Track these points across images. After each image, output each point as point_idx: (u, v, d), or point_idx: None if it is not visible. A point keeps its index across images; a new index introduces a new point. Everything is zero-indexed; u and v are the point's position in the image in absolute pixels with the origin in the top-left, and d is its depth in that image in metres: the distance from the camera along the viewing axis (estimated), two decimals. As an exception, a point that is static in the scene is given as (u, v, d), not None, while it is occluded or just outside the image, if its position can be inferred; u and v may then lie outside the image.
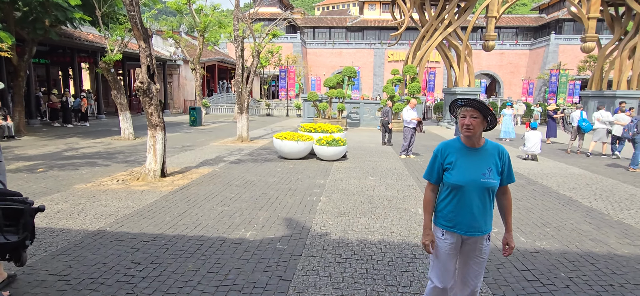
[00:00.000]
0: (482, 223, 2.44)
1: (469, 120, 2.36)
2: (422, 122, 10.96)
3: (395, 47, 49.93)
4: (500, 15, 21.58)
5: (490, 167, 2.40)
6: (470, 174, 2.38)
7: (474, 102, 2.39)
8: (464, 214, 2.42)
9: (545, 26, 52.63)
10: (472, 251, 2.51)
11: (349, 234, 4.86)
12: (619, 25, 22.12)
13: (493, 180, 2.39)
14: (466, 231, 2.45)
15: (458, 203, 2.43)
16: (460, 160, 2.42)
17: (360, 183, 7.69)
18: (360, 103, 21.53)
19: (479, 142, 2.45)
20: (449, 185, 2.45)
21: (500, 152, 2.47)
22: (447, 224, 2.49)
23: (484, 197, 2.40)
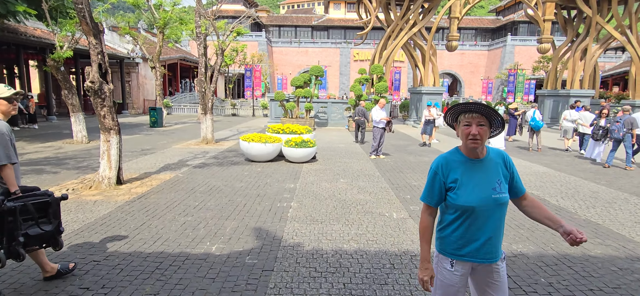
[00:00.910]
0: (498, 245, 2.10)
1: (476, 129, 1.99)
2: (391, 122, 10.88)
3: (360, 47, 50.33)
4: (462, 16, 22.10)
5: (500, 178, 2.07)
6: (481, 191, 2.02)
7: (481, 106, 2.01)
8: (478, 239, 2.05)
9: (502, 28, 54.94)
10: (487, 277, 2.13)
11: (323, 244, 4.59)
12: (572, 28, 23.28)
13: (505, 194, 2.07)
14: (482, 259, 2.07)
15: (470, 227, 2.05)
16: (466, 176, 2.05)
17: (332, 186, 7.44)
18: (328, 102, 21.35)
19: (483, 151, 2.09)
20: (456, 208, 2.06)
21: (504, 158, 2.16)
22: (457, 253, 2.09)
23: (499, 215, 2.06)
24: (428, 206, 2.16)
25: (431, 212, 2.17)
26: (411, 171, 9.09)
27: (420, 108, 21.97)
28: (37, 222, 3.15)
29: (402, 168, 9.47)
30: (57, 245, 3.32)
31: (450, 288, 2.13)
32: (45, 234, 3.19)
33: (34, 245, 3.18)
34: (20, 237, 2.99)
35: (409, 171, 9.09)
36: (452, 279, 2.12)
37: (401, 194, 6.96)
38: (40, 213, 3.18)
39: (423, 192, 2.20)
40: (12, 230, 2.97)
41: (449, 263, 2.12)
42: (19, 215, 3.01)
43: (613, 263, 4.18)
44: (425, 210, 2.18)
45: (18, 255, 3.01)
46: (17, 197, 3.10)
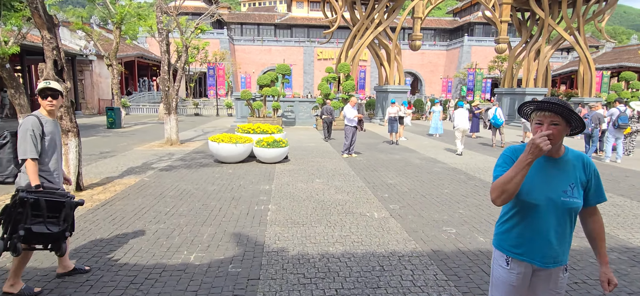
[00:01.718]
0: (560, 252, 1.95)
1: (549, 129, 1.83)
2: (363, 120, 10.88)
3: (324, 45, 50.45)
4: (424, 16, 22.62)
5: (573, 182, 1.92)
6: (549, 191, 1.89)
7: (556, 104, 1.82)
8: (538, 240, 1.93)
9: (459, 29, 57.01)
10: (544, 284, 2.00)
11: (308, 247, 4.42)
12: (526, 29, 24.49)
13: (577, 199, 1.91)
14: (539, 261, 1.95)
15: (529, 225, 1.94)
16: (534, 172, 1.90)
17: (308, 186, 7.28)
18: (295, 101, 21.14)
19: (559, 151, 1.94)
20: (519, 202, 1.94)
21: (586, 163, 1.98)
22: (514, 250, 1.99)
23: (565, 220, 1.92)
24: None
25: None
26: (385, 169, 9.11)
27: (386, 107, 22.27)
28: (45, 221, 3.04)
29: (375, 166, 9.47)
30: (59, 250, 3.18)
31: (507, 287, 2.02)
32: (51, 235, 3.08)
33: (37, 244, 3.10)
34: (21, 231, 2.91)
35: (383, 169, 9.10)
36: (509, 278, 2.01)
37: (379, 193, 6.92)
38: (51, 213, 3.09)
39: (495, 171, 2.00)
40: (18, 221, 2.94)
41: (505, 261, 2.03)
42: (29, 208, 2.96)
43: (591, 256, 4.32)
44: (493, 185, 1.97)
45: (15, 249, 2.90)
46: (33, 191, 3.06)
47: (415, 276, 3.77)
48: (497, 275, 2.07)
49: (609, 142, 10.82)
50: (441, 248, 4.45)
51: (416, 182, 7.80)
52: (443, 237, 4.81)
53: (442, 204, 6.26)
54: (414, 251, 4.35)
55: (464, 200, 6.53)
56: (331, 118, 14.85)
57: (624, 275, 3.88)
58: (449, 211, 5.89)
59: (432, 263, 4.05)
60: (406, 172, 8.79)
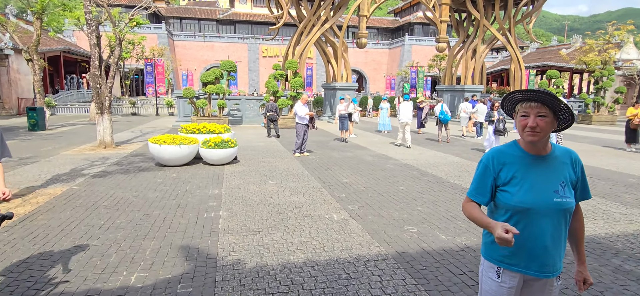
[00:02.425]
0: (556, 258, 1.78)
1: (534, 121, 1.70)
2: (314, 118, 10.62)
3: (270, 42, 49.66)
4: (370, 14, 22.94)
5: (564, 180, 1.77)
6: (540, 192, 1.72)
7: (542, 94, 1.68)
8: (533, 247, 1.74)
9: (400, 28, 58.99)
10: (541, 294, 1.83)
11: (267, 258, 4.05)
12: (463, 29, 25.79)
13: (569, 199, 1.75)
14: (536, 271, 1.77)
15: (523, 232, 1.73)
16: (523, 174, 1.76)
17: (261, 189, 6.87)
18: (242, 99, 20.42)
19: (546, 147, 1.79)
20: (508, 208, 1.77)
21: (573, 159, 1.84)
22: (507, 261, 1.80)
23: (560, 222, 1.75)
24: (472, 202, 1.86)
25: (475, 206, 1.85)
26: (339, 168, 8.93)
27: (334, 104, 22.27)
28: None
29: (329, 165, 9.26)
30: None
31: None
32: None
33: None
34: None
35: (336, 168, 8.91)
36: (499, 291, 1.82)
37: (335, 193, 6.70)
38: None
39: (471, 187, 1.88)
40: None
41: (495, 273, 1.84)
42: None
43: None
44: (466, 203, 1.88)
45: None
46: None
47: (384, 282, 3.56)
48: (487, 289, 1.88)
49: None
50: (405, 250, 4.30)
51: (371, 180, 7.70)
52: (406, 237, 4.67)
53: (400, 202, 6.18)
54: (379, 255, 4.16)
55: (420, 196, 6.51)
56: (275, 115, 14.94)
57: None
58: (407, 209, 5.81)
59: (399, 267, 3.87)
60: (360, 170, 8.68)
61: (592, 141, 14.96)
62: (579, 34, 42.13)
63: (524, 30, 26.09)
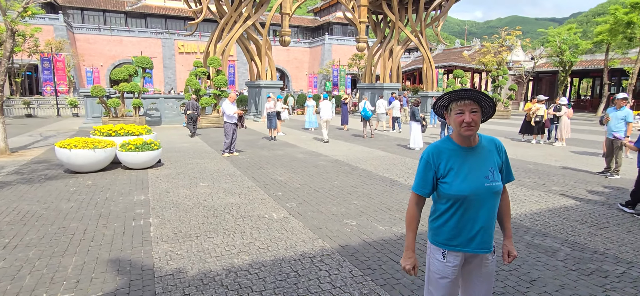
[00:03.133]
0: (491, 236, 2.02)
1: (469, 117, 1.90)
2: (243, 117, 10.37)
3: (187, 39, 47.24)
4: (292, 12, 23.01)
5: (492, 166, 1.99)
6: (474, 180, 1.93)
7: (473, 93, 1.91)
8: (471, 229, 1.96)
9: (320, 28, 60.17)
10: (477, 269, 2.06)
11: (209, 263, 3.87)
12: (380, 30, 27.16)
13: (498, 182, 1.97)
14: (474, 248, 1.99)
15: (462, 217, 1.96)
16: (458, 165, 1.95)
17: (193, 192, 6.53)
18: (160, 98, 19.12)
19: (475, 139, 2.01)
20: (448, 197, 1.97)
21: (498, 146, 2.07)
22: (449, 243, 2.00)
23: (491, 204, 1.98)
24: (418, 196, 2.05)
25: (419, 202, 2.06)
26: (272, 166, 8.84)
27: (259, 103, 21.96)
28: None
29: (261, 164, 9.12)
30: None
31: (443, 281, 2.03)
32: None
33: None
34: None
35: (269, 166, 8.82)
36: (445, 271, 2.02)
37: (272, 192, 6.63)
38: None
39: (414, 182, 2.07)
40: None
41: (441, 254, 2.03)
42: None
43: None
44: (413, 200, 2.07)
45: None
46: None
47: (333, 276, 3.62)
48: (434, 269, 2.07)
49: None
50: (348, 243, 4.42)
51: (306, 177, 7.76)
52: (346, 230, 4.80)
53: (336, 197, 6.33)
54: (324, 250, 4.22)
55: (355, 190, 6.73)
56: (196, 114, 14.82)
57: (498, 243, 4.43)
58: (344, 203, 5.97)
59: (344, 260, 3.97)
60: (293, 167, 8.69)
61: (493, 133, 16.80)
62: (477, 37, 46.97)
63: (432, 32, 28.32)
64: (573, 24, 30.39)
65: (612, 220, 5.25)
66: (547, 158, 10.22)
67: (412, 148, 11.53)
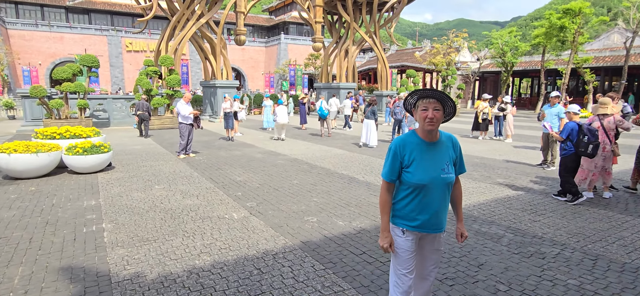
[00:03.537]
0: (443, 219, 2.35)
1: (432, 113, 2.19)
2: (199, 117, 10.14)
3: (136, 36, 45.16)
4: (247, 11, 22.74)
5: (448, 160, 2.29)
6: (431, 171, 2.23)
7: (436, 93, 2.21)
8: (427, 213, 2.27)
9: (276, 27, 59.85)
10: (430, 245, 2.43)
11: (170, 266, 3.81)
12: (336, 31, 27.53)
13: (452, 175, 2.29)
14: (429, 229, 2.32)
15: (420, 202, 2.27)
16: (420, 157, 2.24)
17: (148, 195, 6.33)
18: (108, 98, 18.17)
19: (436, 135, 2.29)
20: (410, 185, 2.26)
21: (454, 143, 2.38)
22: (408, 224, 2.32)
23: (445, 192, 2.29)
24: (388, 183, 2.33)
25: (389, 188, 2.35)
26: (230, 167, 8.75)
27: (215, 103, 21.51)
28: None
29: (219, 165, 8.99)
30: None
31: (404, 253, 2.35)
32: None
33: None
34: None
35: (227, 167, 8.71)
36: (405, 245, 2.34)
37: (231, 192, 6.58)
38: None
39: (383, 170, 2.35)
40: None
41: (400, 232, 2.35)
42: None
43: (425, 221, 5.12)
44: (384, 187, 2.35)
45: None
46: None
47: (295, 271, 3.70)
48: (397, 245, 2.38)
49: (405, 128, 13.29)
50: (309, 239, 4.52)
51: (265, 176, 7.76)
52: (307, 227, 4.90)
53: (296, 195, 6.40)
54: (286, 247, 4.28)
55: (314, 188, 6.84)
56: (147, 115, 14.56)
57: (449, 232, 4.73)
58: (304, 201, 6.06)
59: (306, 255, 4.06)
60: (252, 167, 8.65)
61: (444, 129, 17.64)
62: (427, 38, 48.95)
63: (386, 33, 29.16)
64: (513, 28, 32.53)
65: (548, 207, 5.76)
66: (492, 152, 10.93)
67: (369, 145, 11.85)
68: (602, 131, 6.24)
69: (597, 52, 30.26)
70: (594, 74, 26.85)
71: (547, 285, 3.43)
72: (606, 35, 32.89)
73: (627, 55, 22.89)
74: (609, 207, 5.80)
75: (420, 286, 2.52)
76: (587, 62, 26.80)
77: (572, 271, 3.69)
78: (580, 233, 4.70)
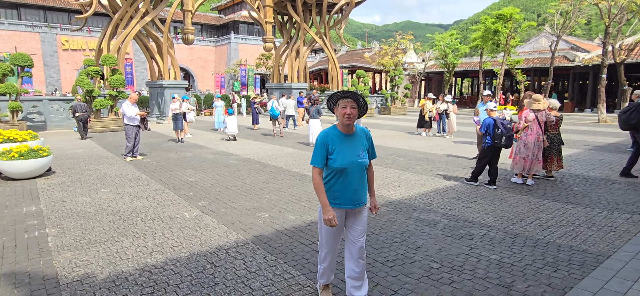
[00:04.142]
0: (362, 195, 2.85)
1: (350, 110, 2.72)
2: (146, 119, 9.90)
3: (73, 34, 42.41)
4: (195, 9, 22.27)
5: (362, 147, 2.83)
6: (350, 157, 2.75)
7: (353, 94, 2.73)
8: (348, 191, 2.78)
9: (225, 26, 58.77)
10: (355, 217, 2.92)
11: (121, 265, 3.83)
12: (286, 31, 27.69)
13: (366, 159, 2.84)
14: (351, 205, 2.82)
15: (341, 183, 2.78)
16: (340, 146, 2.76)
17: (93, 199, 6.17)
18: (44, 100, 17.02)
19: (352, 129, 2.83)
20: (333, 169, 2.77)
21: (366, 134, 2.94)
22: (334, 201, 2.81)
23: (361, 173, 2.83)
24: (318, 169, 2.79)
25: (320, 172, 2.80)
26: (180, 168, 8.66)
27: (163, 104, 20.85)
28: None
29: (168, 166, 8.86)
30: None
31: (329, 228, 2.86)
32: None
33: None
34: None
35: (178, 168, 8.62)
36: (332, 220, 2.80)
37: (182, 193, 6.58)
38: None
39: (313, 159, 2.80)
40: None
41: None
42: None
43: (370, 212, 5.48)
44: (316, 172, 2.79)
45: None
46: None
47: (248, 263, 3.88)
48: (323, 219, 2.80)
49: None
50: (261, 233, 4.70)
51: (217, 176, 7.80)
52: (260, 222, 5.07)
53: (248, 193, 6.54)
54: (238, 241, 4.44)
55: (266, 186, 7.02)
56: (85, 116, 14.17)
57: (392, 221, 5.13)
58: (256, 198, 6.22)
59: (258, 248, 4.24)
60: (204, 168, 8.63)
61: (392, 128, 18.45)
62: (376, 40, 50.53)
63: (336, 34, 29.80)
64: (454, 31, 34.54)
65: (480, 195, 6.38)
66: (435, 148, 11.69)
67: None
68: (536, 123, 7.00)
69: (527, 54, 32.95)
70: (525, 75, 29.21)
71: (473, 261, 3.89)
72: (535, 39, 35.94)
73: (552, 58, 25.19)
74: (530, 192, 6.53)
75: (352, 249, 2.96)
76: (518, 63, 29.10)
77: (495, 249, 4.19)
78: (505, 216, 5.30)
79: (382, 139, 13.62)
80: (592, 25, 73.02)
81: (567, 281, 3.47)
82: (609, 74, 22.85)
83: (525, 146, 7.00)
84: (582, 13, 24.26)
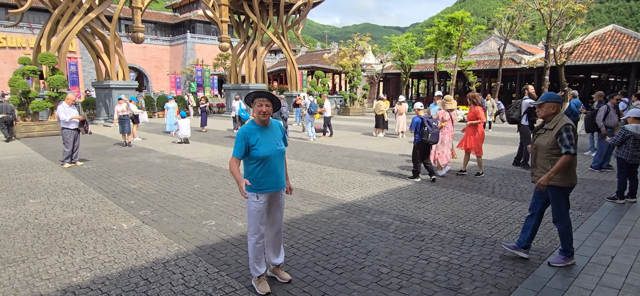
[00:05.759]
0: (283, 179, 3.31)
1: (265, 108, 3.14)
2: (86, 122, 9.19)
3: (10, 30, 39.25)
4: (145, 7, 21.25)
5: (279, 137, 3.28)
6: (271, 145, 3.18)
7: (268, 94, 3.18)
8: (272, 176, 3.19)
9: (181, 25, 56.74)
10: (276, 201, 3.32)
11: (40, 286, 3.41)
12: (243, 31, 27.11)
13: (283, 147, 3.32)
14: (274, 188, 3.22)
15: (266, 169, 3.16)
16: (262, 138, 3.15)
17: (18, 211, 5.57)
18: (-29, 102, 15.45)
19: (268, 122, 3.25)
20: (257, 158, 3.13)
21: (280, 127, 3.38)
22: (260, 188, 3.16)
23: (281, 160, 3.30)
24: (237, 159, 3.14)
25: (237, 161, 3.15)
26: (124, 174, 8.10)
27: (110, 105, 19.68)
28: None
29: (111, 172, 8.26)
30: None
31: (258, 213, 3.20)
32: None
33: None
34: None
35: (121, 175, 8.05)
36: (258, 206, 3.19)
37: (123, 201, 6.10)
38: None
39: (234, 150, 3.14)
40: None
41: (255, 197, 3.17)
42: None
43: (323, 216, 5.34)
44: (234, 161, 3.13)
45: None
46: None
47: (187, 277, 3.59)
48: (252, 208, 3.20)
49: (308, 124, 13.65)
50: (205, 243, 4.41)
51: (163, 182, 7.35)
52: (205, 231, 4.77)
53: (196, 199, 6.19)
54: (179, 253, 4.12)
55: (216, 191, 6.68)
56: (11, 118, 13.82)
57: (345, 224, 5.00)
58: (204, 205, 5.88)
59: (200, 260, 3.95)
60: (149, 174, 8.13)
61: (351, 128, 18.51)
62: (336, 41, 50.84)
63: (294, 35, 29.59)
64: (410, 33, 35.39)
65: (432, 194, 6.41)
66: (391, 148, 11.78)
67: None
68: (450, 120, 7.94)
69: (478, 57, 34.39)
70: (477, 76, 30.45)
71: (423, 264, 3.82)
72: (485, 42, 37.60)
73: (501, 60, 26.42)
74: (480, 190, 6.66)
75: (271, 231, 3.36)
76: (470, 65, 30.27)
77: (445, 250, 4.17)
78: (455, 215, 5.33)
79: (340, 140, 13.57)
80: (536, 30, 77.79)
81: (512, 281, 3.48)
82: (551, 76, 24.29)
83: (442, 142, 7.82)
84: (527, 18, 25.60)
